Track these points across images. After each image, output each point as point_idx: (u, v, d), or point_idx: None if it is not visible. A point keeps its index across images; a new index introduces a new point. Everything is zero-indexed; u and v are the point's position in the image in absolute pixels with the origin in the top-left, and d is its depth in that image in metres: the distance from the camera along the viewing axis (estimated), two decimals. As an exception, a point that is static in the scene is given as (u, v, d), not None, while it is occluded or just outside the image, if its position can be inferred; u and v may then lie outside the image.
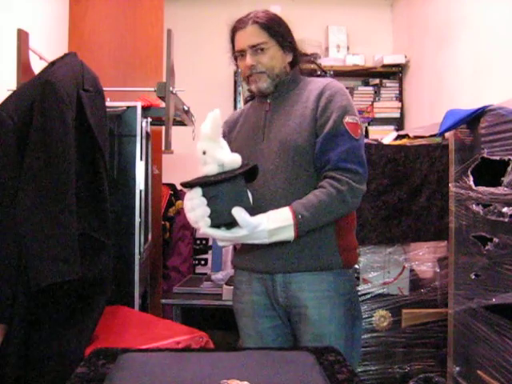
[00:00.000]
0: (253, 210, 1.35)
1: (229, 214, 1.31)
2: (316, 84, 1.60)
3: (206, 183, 1.31)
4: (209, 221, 1.32)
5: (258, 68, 1.57)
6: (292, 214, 1.40)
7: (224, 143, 1.36)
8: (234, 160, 1.34)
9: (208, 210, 1.31)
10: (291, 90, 1.61)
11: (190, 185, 1.34)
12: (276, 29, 1.57)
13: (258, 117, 1.64)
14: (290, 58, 1.62)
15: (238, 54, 1.61)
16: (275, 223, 1.39)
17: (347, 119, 1.50)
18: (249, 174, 1.38)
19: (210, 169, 1.32)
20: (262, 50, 1.56)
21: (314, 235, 1.48)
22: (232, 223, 1.33)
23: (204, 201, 1.31)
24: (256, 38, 1.55)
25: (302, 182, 1.52)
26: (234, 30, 1.60)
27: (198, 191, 1.33)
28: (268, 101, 1.63)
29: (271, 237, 1.39)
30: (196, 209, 1.33)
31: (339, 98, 1.53)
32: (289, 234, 1.41)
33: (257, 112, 1.66)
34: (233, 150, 1.60)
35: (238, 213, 1.31)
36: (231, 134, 1.70)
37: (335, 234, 1.53)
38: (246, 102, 1.78)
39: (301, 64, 1.66)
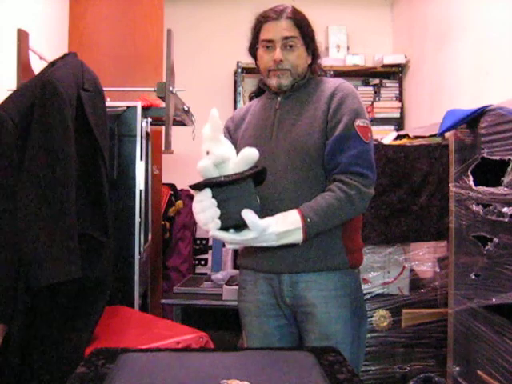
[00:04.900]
0: (261, 212, 1.33)
1: (239, 216, 1.29)
2: (327, 85, 1.59)
3: (216, 184, 1.29)
4: (219, 222, 1.29)
5: (285, 64, 1.55)
6: (301, 217, 1.39)
7: (226, 141, 1.34)
8: (244, 155, 1.30)
9: (218, 212, 1.29)
10: (302, 89, 1.60)
11: (199, 186, 1.31)
12: (306, 29, 1.57)
13: (266, 114, 1.62)
14: (310, 60, 1.62)
15: (264, 44, 1.57)
16: (284, 226, 1.37)
17: (358, 122, 1.50)
18: (257, 177, 1.35)
19: (205, 162, 1.28)
20: (292, 46, 1.55)
21: (320, 236, 1.47)
22: (240, 225, 1.32)
23: (214, 202, 1.29)
24: (289, 32, 1.54)
25: (310, 184, 1.51)
26: (264, 20, 1.57)
27: (207, 192, 1.29)
28: (278, 99, 1.61)
29: (280, 240, 1.38)
30: (206, 210, 1.30)
31: (351, 101, 1.52)
32: (297, 237, 1.40)
33: (266, 109, 1.63)
34: (240, 147, 1.59)
35: (248, 215, 1.29)
36: (238, 131, 1.67)
37: (341, 234, 1.53)
38: (250, 98, 1.77)
39: (314, 65, 1.65)
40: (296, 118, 1.56)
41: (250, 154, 1.30)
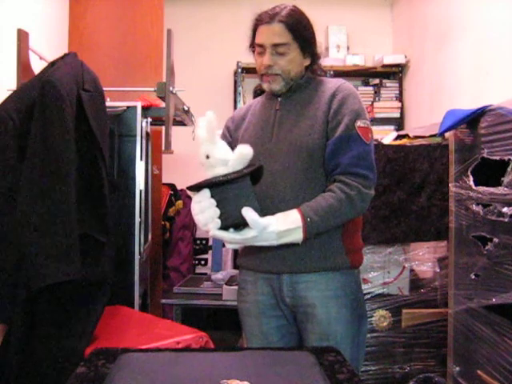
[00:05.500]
0: (260, 212, 1.32)
1: (238, 215, 1.28)
2: (328, 85, 1.58)
3: (214, 184, 1.28)
4: (219, 222, 1.29)
5: (274, 69, 1.54)
6: (301, 217, 1.39)
7: (222, 143, 1.33)
8: (241, 153, 1.28)
9: (218, 212, 1.28)
10: (303, 90, 1.60)
11: (196, 187, 1.30)
12: (301, 32, 1.54)
13: (267, 115, 1.61)
14: (308, 62, 1.60)
15: (257, 48, 1.56)
16: (284, 225, 1.37)
17: (359, 123, 1.49)
18: (254, 175, 1.35)
19: (220, 171, 1.29)
20: (283, 51, 1.53)
21: (320, 236, 1.47)
22: (240, 224, 1.31)
23: (213, 202, 1.28)
24: (279, 38, 1.52)
25: (310, 184, 1.51)
26: (258, 23, 1.56)
27: (206, 193, 1.28)
28: (279, 99, 1.61)
29: (280, 239, 1.37)
30: (205, 211, 1.28)
31: (351, 102, 1.52)
32: (297, 237, 1.39)
33: (266, 110, 1.63)
34: None
35: (248, 213, 1.28)
36: (238, 130, 1.67)
37: (342, 234, 1.53)
38: (255, 94, 1.76)
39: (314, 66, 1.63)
40: (296, 119, 1.56)
41: (247, 154, 1.29)
